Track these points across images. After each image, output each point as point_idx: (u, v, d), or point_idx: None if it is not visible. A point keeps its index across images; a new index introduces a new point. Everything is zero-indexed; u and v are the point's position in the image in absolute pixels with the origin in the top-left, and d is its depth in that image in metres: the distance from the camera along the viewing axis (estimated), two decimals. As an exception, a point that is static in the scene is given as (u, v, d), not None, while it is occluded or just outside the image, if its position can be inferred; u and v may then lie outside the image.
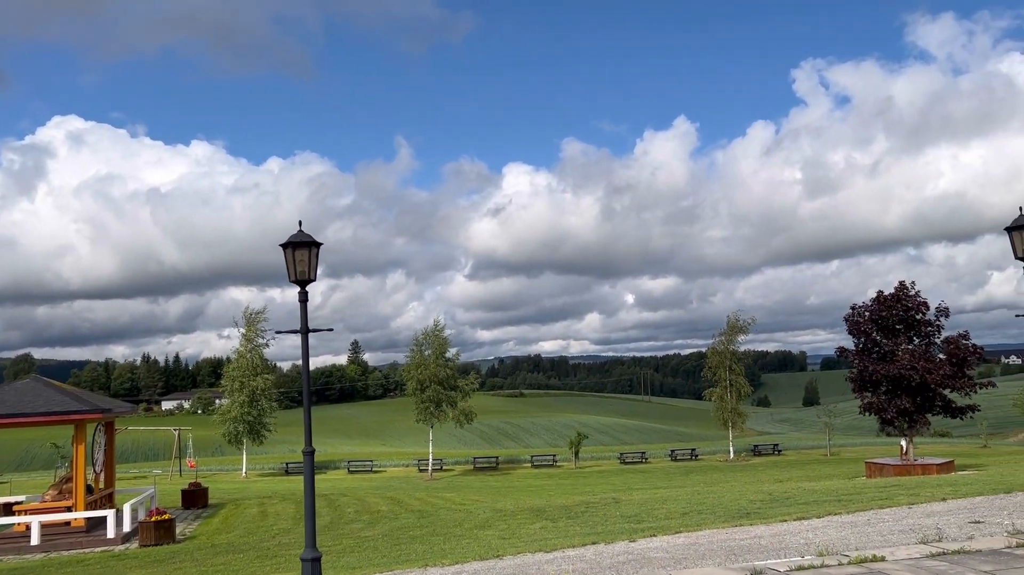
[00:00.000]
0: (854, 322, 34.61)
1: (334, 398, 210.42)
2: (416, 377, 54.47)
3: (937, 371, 32.35)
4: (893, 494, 18.64)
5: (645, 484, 41.45)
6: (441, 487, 44.33)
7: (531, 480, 49.32)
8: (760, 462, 60.06)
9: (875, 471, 32.36)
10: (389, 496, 34.16)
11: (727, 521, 15.47)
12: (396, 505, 29.59)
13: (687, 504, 20.68)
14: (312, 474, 7.90)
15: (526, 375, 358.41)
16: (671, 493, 27.83)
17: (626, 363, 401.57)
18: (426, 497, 33.93)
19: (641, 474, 51.89)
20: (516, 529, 18.14)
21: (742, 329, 64.18)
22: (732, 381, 63.21)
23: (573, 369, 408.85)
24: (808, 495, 21.01)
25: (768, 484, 31.52)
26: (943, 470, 30.84)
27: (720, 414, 64.23)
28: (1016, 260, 10.27)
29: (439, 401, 54.29)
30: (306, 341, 8.05)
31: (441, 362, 54.95)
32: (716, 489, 29.74)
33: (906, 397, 32.93)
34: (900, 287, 34.18)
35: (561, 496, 31.22)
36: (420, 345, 56.07)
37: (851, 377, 35.13)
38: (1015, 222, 10.28)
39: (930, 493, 17.68)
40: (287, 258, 8.24)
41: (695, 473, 50.61)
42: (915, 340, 34.09)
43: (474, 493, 37.78)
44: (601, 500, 24.43)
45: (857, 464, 43.44)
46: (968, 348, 33.53)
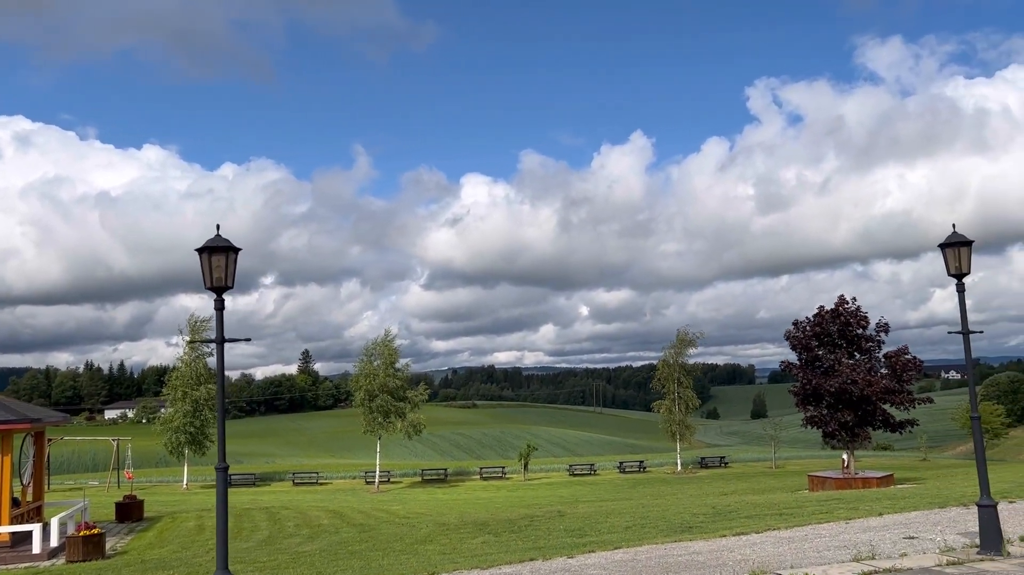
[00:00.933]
0: (796, 337, 35.05)
1: (283, 408, 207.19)
2: (365, 387, 53.72)
3: (877, 385, 32.88)
4: (833, 508, 18.81)
5: (592, 496, 41.40)
6: (387, 500, 43.69)
7: (479, 492, 48.93)
8: (707, 475, 60.54)
9: (817, 484, 32.75)
10: (332, 509, 33.48)
11: (668, 535, 15.40)
12: (338, 519, 29.00)
13: (631, 518, 20.61)
14: (225, 492, 7.52)
15: (479, 386, 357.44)
16: (617, 506, 27.78)
17: (579, 375, 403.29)
18: (370, 510, 33.36)
19: (589, 486, 51.88)
20: (457, 544, 17.84)
21: (691, 342, 64.78)
22: (680, 394, 63.69)
23: (527, 380, 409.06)
24: (751, 509, 21.10)
25: (713, 497, 31.68)
26: (883, 483, 31.34)
27: (668, 426, 64.63)
28: (949, 276, 10.42)
29: (388, 412, 53.58)
30: (221, 351, 7.69)
31: (391, 372, 54.30)
32: (662, 502, 29.79)
33: (847, 411, 33.42)
34: (840, 302, 34.73)
35: (507, 509, 30.96)
36: (370, 355, 55.39)
37: (794, 391, 35.55)
38: (948, 239, 10.41)
39: (868, 507, 17.86)
40: (203, 264, 7.87)
41: (642, 485, 50.76)
42: (856, 355, 34.64)
43: (420, 506, 37.31)
44: (546, 513, 24.24)
45: (801, 477, 44.01)
46: (908, 363, 34.17)
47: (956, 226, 10.43)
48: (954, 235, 10.42)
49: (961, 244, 10.26)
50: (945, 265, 10.39)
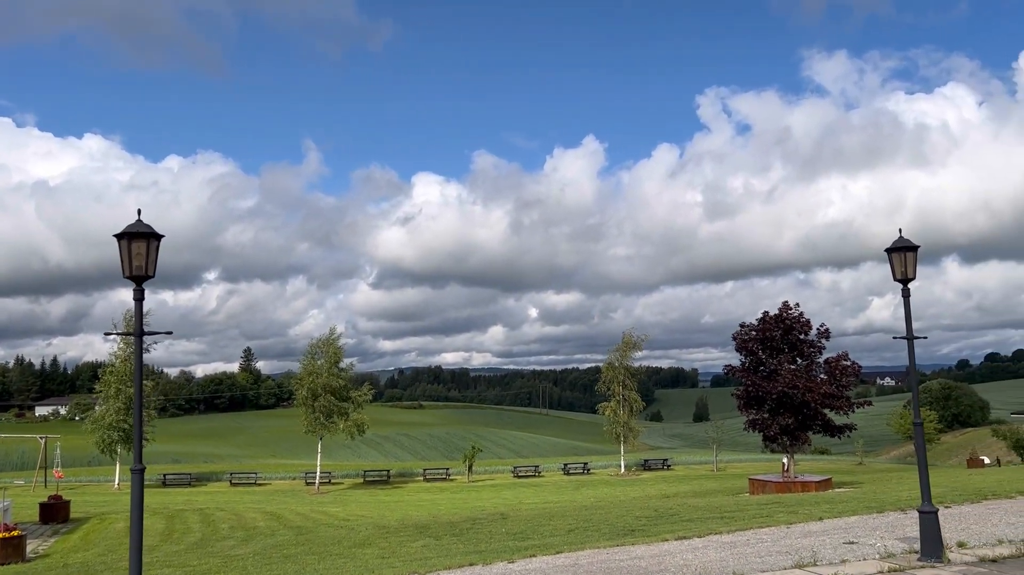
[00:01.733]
0: (741, 340, 35.40)
1: (224, 407, 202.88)
2: (307, 386, 52.66)
3: (817, 390, 33.36)
4: (773, 511, 18.86)
5: (536, 498, 41.25)
6: (327, 501, 42.85)
7: (422, 494, 48.37)
8: (649, 476, 60.94)
9: (758, 488, 33.05)
10: (270, 511, 32.67)
11: (611, 539, 15.21)
12: (275, 521, 28.26)
13: (574, 520, 20.41)
14: (140, 496, 6.98)
15: (426, 387, 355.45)
16: (560, 508, 27.61)
17: (526, 376, 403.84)
18: (309, 512, 32.63)
19: (533, 488, 51.72)
20: (397, 548, 17.40)
21: (636, 345, 65.19)
22: (625, 396, 64.01)
23: (474, 381, 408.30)
24: (692, 511, 21.09)
25: (656, 500, 31.76)
26: (821, 487, 31.77)
27: (613, 428, 64.88)
28: (895, 281, 10.39)
29: (330, 412, 52.60)
30: (140, 345, 7.17)
31: (335, 371, 53.33)
32: (605, 504, 29.73)
33: (788, 415, 33.85)
34: (784, 307, 35.18)
35: (450, 511, 30.58)
36: (313, 353, 54.35)
37: (737, 394, 35.86)
38: (895, 244, 10.38)
39: (808, 511, 17.95)
40: (121, 251, 7.32)
41: (586, 487, 50.80)
42: (798, 360, 35.12)
43: (361, 508, 36.66)
44: (489, 516, 23.93)
45: (742, 480, 44.49)
46: (847, 368, 34.76)
47: (902, 231, 10.42)
48: (900, 240, 10.39)
49: (907, 249, 10.24)
50: (891, 270, 10.35)
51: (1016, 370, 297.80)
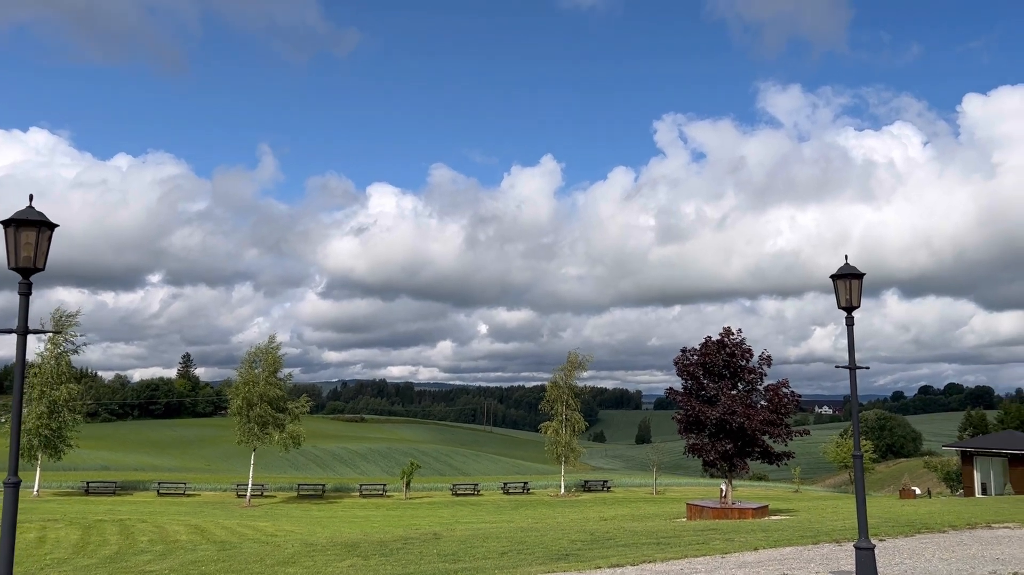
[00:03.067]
0: (683, 365, 35.40)
1: (159, 413, 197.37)
2: (243, 395, 51.19)
3: (756, 417, 33.46)
4: (710, 538, 18.63)
5: (473, 518, 40.56)
6: (257, 515, 41.51)
7: (357, 510, 47.25)
8: (589, 498, 60.65)
9: (695, 513, 32.96)
10: (194, 524, 31.39)
11: (544, 564, 14.77)
12: (199, 534, 27.11)
13: (508, 542, 19.90)
14: (13, 513, 6.25)
15: (369, 400, 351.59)
16: (495, 529, 27.04)
17: (471, 392, 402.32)
18: (236, 526, 31.45)
19: (471, 507, 50.99)
20: (322, 567, 16.69)
21: (581, 365, 65.05)
22: (568, 416, 63.75)
23: (419, 396, 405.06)
24: (629, 536, 20.75)
25: (593, 522, 31.39)
26: (758, 514, 31.79)
27: (554, 448, 64.51)
28: (839, 309, 10.21)
29: (265, 423, 51.20)
30: (23, 344, 6.50)
31: (272, 381, 51.98)
32: (542, 526, 29.25)
33: (727, 440, 33.87)
34: (726, 333, 35.29)
35: (383, 529, 29.77)
36: (251, 362, 52.91)
37: (678, 418, 35.82)
38: (840, 270, 10.20)
39: (744, 539, 17.75)
40: (7, 239, 6.61)
41: (525, 507, 50.28)
42: (739, 385, 35.22)
43: (292, 523, 35.54)
44: (422, 535, 23.26)
45: (680, 504, 44.48)
46: (787, 396, 34.95)
47: (848, 258, 10.26)
48: (846, 267, 10.22)
49: (853, 276, 10.07)
50: (836, 297, 10.17)
51: (947, 403, 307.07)
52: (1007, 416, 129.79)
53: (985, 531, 17.25)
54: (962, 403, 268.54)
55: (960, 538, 16.01)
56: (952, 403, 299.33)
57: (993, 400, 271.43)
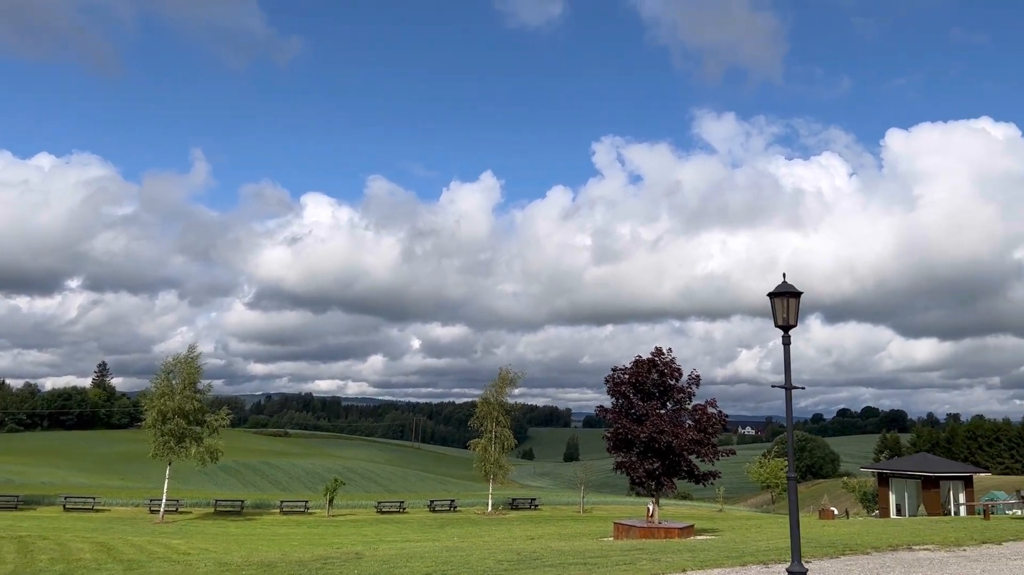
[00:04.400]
0: (613, 383, 35.39)
1: (71, 424, 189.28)
2: (158, 407, 49.10)
3: (684, 436, 33.62)
4: (637, 559, 18.40)
5: (397, 536, 39.63)
6: (170, 532, 39.72)
7: (277, 528, 45.71)
8: (516, 516, 60.15)
9: (622, 532, 32.83)
10: (101, 541, 29.75)
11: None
12: (104, 552, 25.64)
13: (433, 563, 19.29)
14: None
15: (294, 414, 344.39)
16: (420, 548, 26.34)
17: (400, 408, 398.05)
18: (146, 544, 29.92)
19: (396, 525, 49.92)
20: (234, 589, 15.81)
21: (512, 382, 64.71)
22: (498, 433, 63.27)
23: (346, 411, 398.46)
24: (556, 556, 20.38)
25: (520, 541, 30.94)
26: (684, 534, 31.85)
27: (483, 465, 63.89)
28: (776, 327, 10.05)
29: (181, 436, 49.20)
30: None
31: (189, 393, 50.03)
32: (467, 545, 28.65)
33: (655, 459, 33.94)
34: (656, 352, 35.45)
35: (303, 549, 28.70)
36: (168, 372, 50.83)
37: (607, 436, 35.77)
38: (778, 288, 10.07)
39: (671, 560, 17.57)
40: None
41: (451, 525, 49.48)
42: (668, 405, 35.38)
43: (206, 540, 34.06)
44: (343, 555, 22.43)
45: (607, 523, 44.38)
46: (714, 416, 35.24)
47: (786, 276, 10.13)
48: (784, 285, 10.08)
49: (790, 295, 9.94)
50: (773, 315, 10.03)
51: (864, 426, 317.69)
52: (919, 439, 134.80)
53: (906, 553, 17.46)
54: (878, 426, 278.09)
55: (883, 560, 16.13)
56: (868, 426, 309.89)
57: (906, 423, 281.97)
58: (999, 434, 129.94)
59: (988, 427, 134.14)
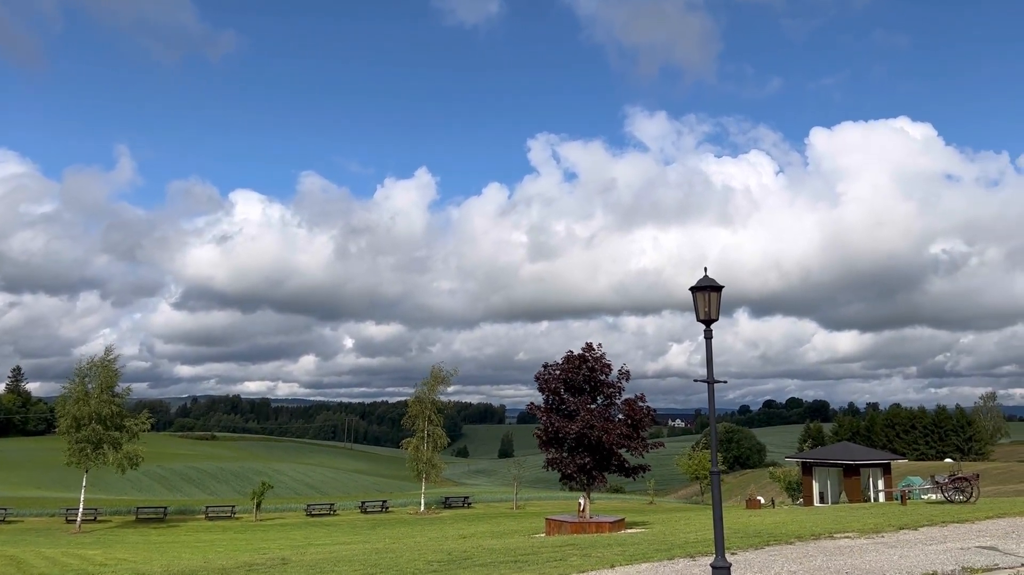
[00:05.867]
0: (544, 380, 35.36)
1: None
2: (72, 413, 47.06)
3: (614, 431, 33.83)
4: (567, 555, 18.37)
5: (327, 539, 38.91)
6: (88, 542, 38.17)
7: (201, 534, 44.39)
8: (449, 515, 59.86)
9: (554, 528, 32.87)
10: (11, 555, 28.34)
11: (396, 589, 13.95)
12: (14, 567, 24.41)
13: (361, 566, 18.91)
14: None
15: (222, 417, 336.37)
16: (349, 551, 25.83)
17: (332, 408, 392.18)
18: (60, 556, 28.62)
19: (326, 527, 49.06)
20: (150, 601, 15.15)
21: (445, 380, 64.37)
22: (431, 432, 62.84)
23: (275, 412, 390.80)
24: (487, 555, 20.22)
25: (452, 541, 30.69)
26: (615, 528, 32.06)
27: (415, 465, 63.39)
28: (698, 322, 10.05)
29: (98, 442, 47.29)
30: None
31: (106, 397, 48.10)
32: (398, 546, 28.24)
33: (585, 454, 34.07)
34: (587, 348, 35.57)
35: (227, 555, 27.87)
36: (83, 376, 48.78)
37: (537, 433, 35.75)
38: (699, 282, 10.06)
39: (601, 555, 17.59)
40: None
41: (383, 526, 48.89)
42: (598, 399, 35.54)
43: (126, 550, 32.81)
44: (268, 561, 21.82)
45: (539, 519, 44.48)
46: (643, 410, 35.54)
47: (707, 270, 10.15)
48: (705, 279, 10.08)
49: (711, 289, 9.94)
50: (695, 309, 10.03)
51: (789, 416, 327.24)
52: (841, 428, 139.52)
53: (828, 542, 17.84)
54: (802, 416, 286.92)
55: (806, 549, 16.44)
56: (793, 416, 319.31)
57: (829, 413, 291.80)
58: (915, 422, 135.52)
59: (905, 415, 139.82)
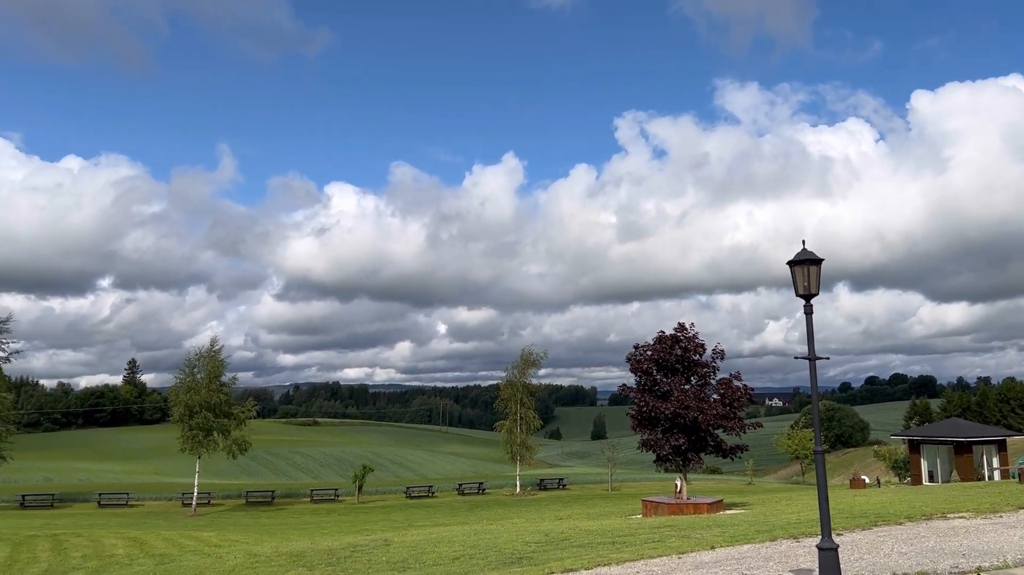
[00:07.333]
0: (636, 361, 35.05)
1: (104, 421, 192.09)
2: (184, 402, 49.56)
3: (710, 411, 33.29)
4: (666, 536, 18.23)
5: (426, 521, 39.77)
6: (203, 525, 40.15)
7: (307, 517, 46.08)
8: (545, 496, 60.25)
9: (651, 509, 32.67)
10: (134, 537, 30.06)
11: (497, 568, 14.18)
12: (137, 547, 25.88)
13: (461, 547, 19.26)
14: None
15: (323, 403, 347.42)
16: (449, 533, 26.34)
17: (427, 393, 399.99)
18: (178, 537, 30.20)
19: (425, 509, 50.16)
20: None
21: (534, 363, 64.64)
22: (523, 414, 63.28)
23: (373, 398, 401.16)
24: (584, 536, 20.26)
25: (548, 522, 30.87)
26: (713, 509, 31.63)
27: (509, 447, 64.02)
28: (797, 297, 9.72)
29: (209, 429, 49.65)
30: None
31: (215, 386, 50.40)
32: (495, 527, 28.62)
33: (680, 435, 33.67)
34: (679, 328, 35.07)
35: (332, 536, 28.82)
36: (193, 367, 51.25)
37: (631, 413, 35.52)
38: (797, 256, 9.70)
39: (700, 536, 17.38)
40: None
41: (480, 508, 49.62)
42: (692, 380, 35.02)
43: (238, 532, 34.35)
44: (372, 542, 22.46)
45: (635, 501, 44.27)
46: (739, 389, 34.84)
47: (806, 243, 9.79)
48: (804, 252, 9.72)
49: (811, 262, 9.58)
50: (793, 284, 9.69)
51: (893, 393, 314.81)
52: (950, 404, 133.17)
53: (941, 522, 17.11)
54: (907, 393, 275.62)
55: (917, 530, 15.81)
56: (897, 393, 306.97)
57: (936, 389, 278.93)
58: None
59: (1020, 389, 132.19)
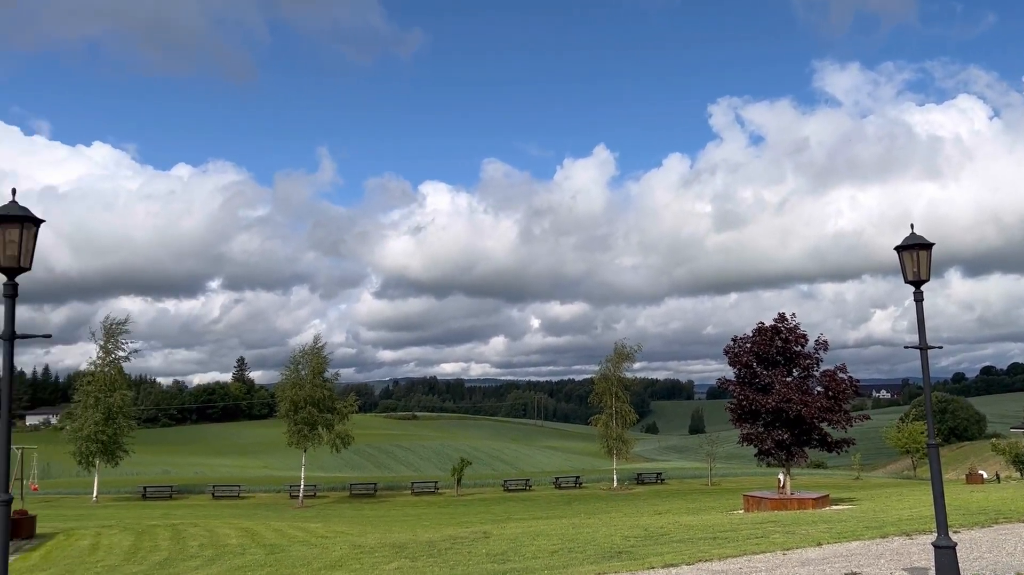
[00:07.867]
0: (734, 353, 34.24)
1: (216, 417, 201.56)
2: (290, 397, 51.50)
3: (814, 404, 32.26)
4: (769, 532, 17.79)
5: (524, 514, 40.03)
6: (309, 516, 41.60)
7: (408, 509, 47.12)
8: (643, 491, 59.70)
9: (753, 505, 31.93)
10: (245, 527, 31.42)
11: (595, 563, 14.13)
12: (249, 537, 27.04)
13: (560, 540, 19.29)
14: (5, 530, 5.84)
15: (421, 397, 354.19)
16: (547, 526, 26.43)
17: (521, 387, 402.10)
18: (286, 528, 31.39)
19: (523, 502, 50.49)
20: (369, 570, 16.31)
21: (628, 356, 64.08)
22: (618, 408, 62.85)
23: (469, 392, 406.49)
24: (684, 531, 19.98)
25: (647, 517, 30.59)
26: (819, 504, 30.66)
27: (605, 441, 63.72)
28: (906, 283, 9.29)
29: (313, 423, 51.43)
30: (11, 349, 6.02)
31: (318, 382, 52.16)
32: (593, 521, 28.54)
33: (783, 429, 32.74)
34: (780, 319, 34.06)
35: (433, 528, 29.39)
36: (297, 363, 53.19)
37: (730, 407, 34.75)
38: (906, 241, 9.26)
39: (805, 532, 16.88)
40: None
41: (577, 502, 49.59)
42: (794, 372, 33.99)
43: (343, 523, 35.43)
44: (471, 534, 22.76)
45: (736, 496, 43.33)
46: (844, 381, 33.62)
47: (914, 227, 9.35)
48: (912, 237, 9.27)
49: (920, 247, 9.13)
50: (902, 271, 9.26)
51: (1011, 383, 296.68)
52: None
53: (1069, 519, 16.12)
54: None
55: (1042, 528, 14.94)
56: (1016, 384, 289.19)
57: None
58: None
59: None
